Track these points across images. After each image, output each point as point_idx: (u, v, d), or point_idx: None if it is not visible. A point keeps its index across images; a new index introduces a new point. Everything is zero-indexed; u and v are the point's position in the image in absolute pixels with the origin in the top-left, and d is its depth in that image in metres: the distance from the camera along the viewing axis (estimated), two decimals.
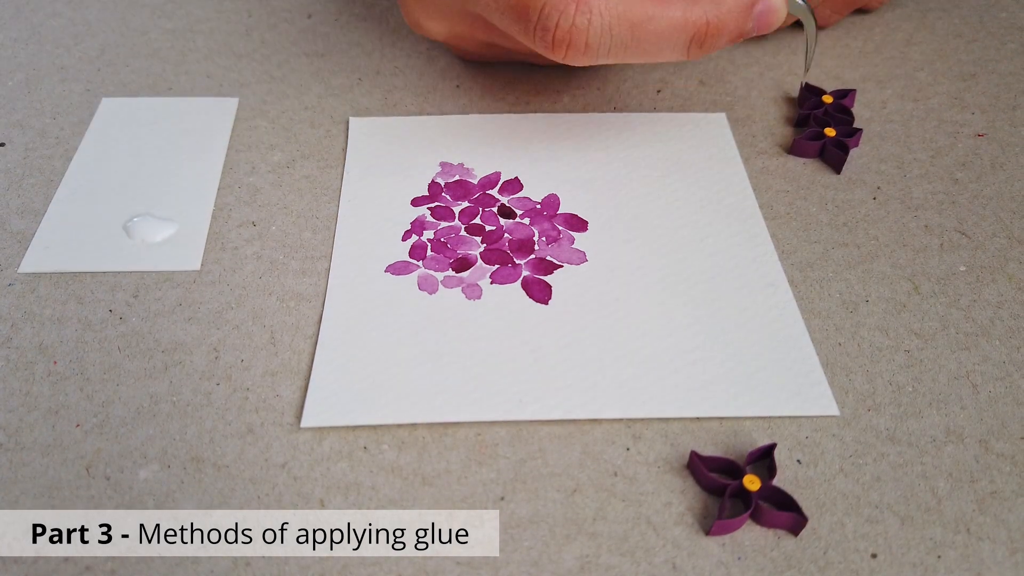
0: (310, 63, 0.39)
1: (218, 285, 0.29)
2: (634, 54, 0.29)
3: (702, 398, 0.26)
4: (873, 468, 0.25)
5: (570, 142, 0.35)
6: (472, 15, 0.32)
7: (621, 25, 0.28)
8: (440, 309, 0.28)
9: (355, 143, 0.35)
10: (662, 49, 0.29)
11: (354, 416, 0.25)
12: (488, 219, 0.31)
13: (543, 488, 0.24)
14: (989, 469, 0.25)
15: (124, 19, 0.42)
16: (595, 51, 0.29)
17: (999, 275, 0.30)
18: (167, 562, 0.22)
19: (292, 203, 0.32)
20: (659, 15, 0.28)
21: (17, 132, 0.35)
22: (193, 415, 0.26)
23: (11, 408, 0.26)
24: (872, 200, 0.33)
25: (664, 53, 0.29)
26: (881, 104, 0.37)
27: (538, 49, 0.29)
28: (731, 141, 0.35)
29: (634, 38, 0.29)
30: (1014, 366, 0.27)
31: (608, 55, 0.29)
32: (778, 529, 0.23)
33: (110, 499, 0.24)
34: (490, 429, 0.26)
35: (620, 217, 0.32)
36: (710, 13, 0.29)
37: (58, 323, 0.28)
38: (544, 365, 0.27)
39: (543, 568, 0.23)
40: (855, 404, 0.26)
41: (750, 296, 0.29)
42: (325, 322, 0.28)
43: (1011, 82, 0.38)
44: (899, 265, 0.30)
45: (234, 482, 0.24)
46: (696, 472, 0.24)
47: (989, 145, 0.35)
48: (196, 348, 0.27)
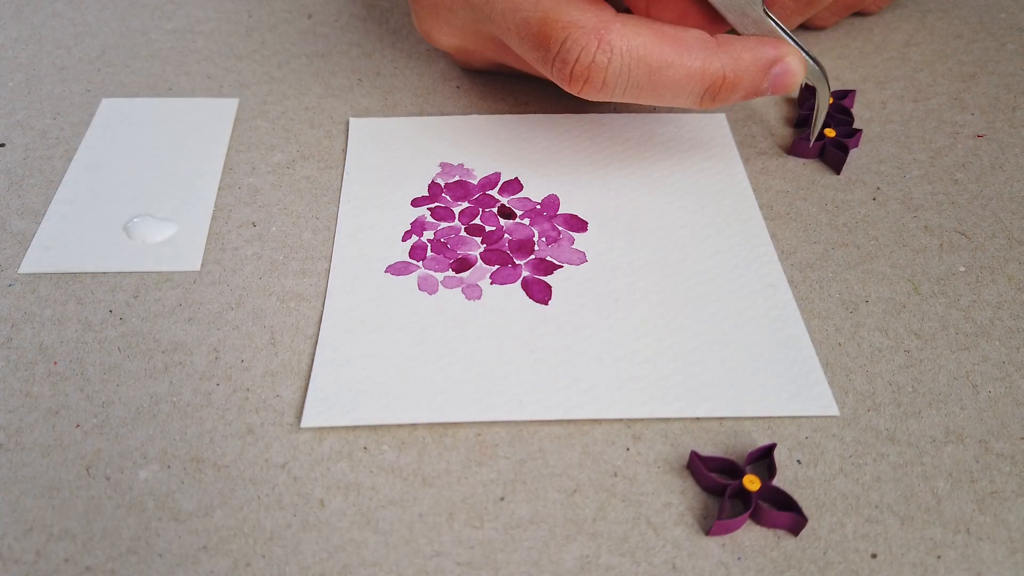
0: (310, 64, 0.39)
1: (218, 285, 0.29)
2: (648, 97, 0.29)
3: (702, 398, 0.26)
4: (873, 468, 0.25)
5: (570, 142, 0.35)
6: (487, 35, 0.32)
7: (640, 68, 0.28)
8: (440, 309, 0.28)
9: (355, 144, 0.35)
10: (676, 96, 0.29)
11: (354, 416, 0.25)
12: (488, 219, 0.32)
13: (543, 488, 0.24)
14: (989, 469, 0.25)
15: (124, 20, 0.42)
16: (611, 90, 0.29)
17: (999, 275, 0.30)
18: (167, 563, 0.23)
19: (292, 204, 0.32)
20: (678, 63, 0.28)
21: (17, 132, 0.35)
22: (193, 415, 0.26)
23: (11, 408, 0.26)
24: (872, 201, 0.33)
25: (677, 99, 0.30)
26: (881, 105, 0.37)
27: (554, 79, 0.29)
28: (731, 141, 0.35)
29: (651, 82, 0.29)
30: (1014, 366, 0.27)
31: (623, 95, 0.29)
32: (778, 529, 0.23)
33: (110, 499, 0.24)
34: (490, 429, 0.26)
35: (620, 217, 0.32)
36: (728, 67, 0.29)
37: (58, 323, 0.28)
38: (544, 365, 0.27)
39: (543, 568, 0.23)
40: (855, 404, 0.26)
41: (750, 296, 0.29)
42: (325, 322, 0.28)
43: (1011, 83, 0.38)
44: (899, 265, 0.30)
45: (234, 482, 0.24)
46: (696, 472, 0.24)
47: (989, 146, 0.35)
48: (196, 348, 0.27)
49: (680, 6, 0.30)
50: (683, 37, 0.29)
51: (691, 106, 0.30)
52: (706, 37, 0.29)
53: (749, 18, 0.30)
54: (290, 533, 0.23)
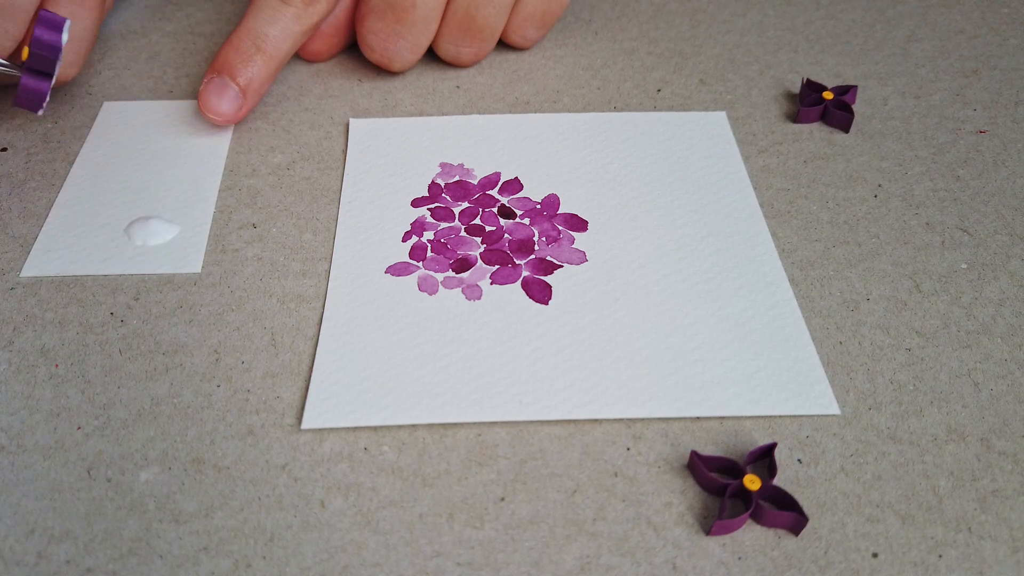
0: (309, 65, 0.39)
1: (219, 287, 0.29)
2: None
3: (702, 398, 0.26)
4: (874, 467, 0.25)
5: (570, 142, 0.35)
6: None
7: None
8: (440, 310, 0.28)
9: (355, 144, 0.35)
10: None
11: (354, 417, 0.25)
12: (488, 219, 0.31)
13: (543, 488, 0.24)
14: (991, 468, 0.25)
15: (125, 22, 0.42)
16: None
17: (1001, 272, 0.30)
18: (168, 564, 0.23)
19: (292, 205, 0.32)
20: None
21: (19, 136, 0.35)
22: (194, 417, 0.26)
23: (13, 411, 0.26)
24: (873, 198, 0.33)
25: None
26: (882, 101, 0.37)
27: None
28: (731, 140, 0.35)
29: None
30: (1016, 364, 0.27)
31: None
32: (779, 529, 0.23)
33: (111, 501, 0.24)
34: (490, 430, 0.26)
35: (620, 217, 0.32)
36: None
37: (59, 326, 0.28)
38: (544, 365, 0.27)
39: (543, 568, 0.23)
40: (856, 403, 0.26)
41: (750, 295, 0.29)
42: (325, 323, 0.28)
43: (1013, 78, 0.38)
44: (900, 263, 0.30)
45: (235, 483, 0.24)
46: (696, 472, 0.24)
47: (991, 142, 0.35)
48: (197, 350, 0.28)
49: None
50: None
51: None
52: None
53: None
54: (290, 534, 0.23)
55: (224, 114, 0.34)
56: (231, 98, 0.34)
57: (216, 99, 0.34)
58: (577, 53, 0.40)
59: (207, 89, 0.34)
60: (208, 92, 0.34)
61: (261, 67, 0.34)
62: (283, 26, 0.34)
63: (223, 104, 0.34)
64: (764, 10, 0.42)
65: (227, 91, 0.34)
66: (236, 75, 0.34)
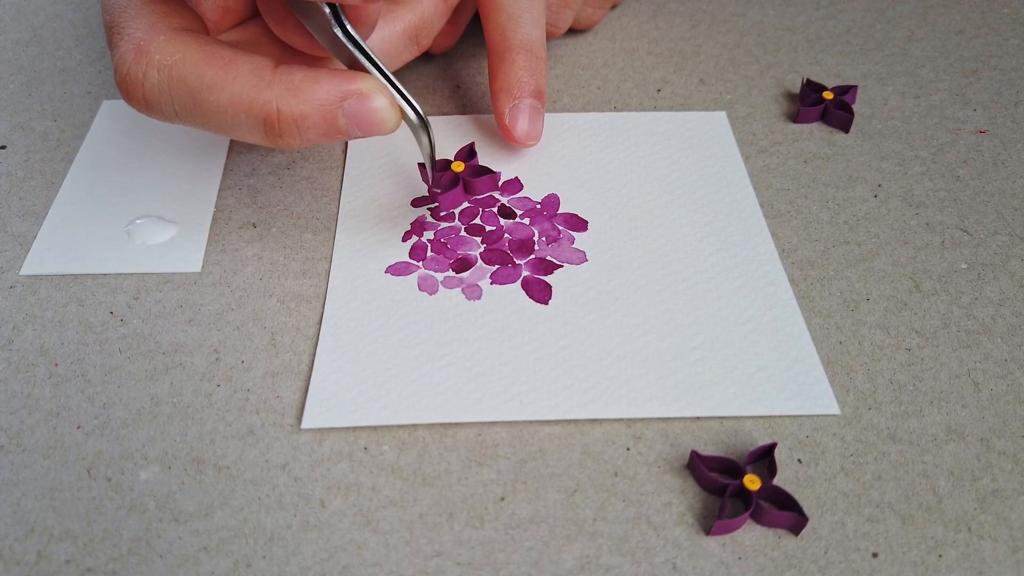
0: None
1: (219, 287, 0.29)
2: (210, 125, 0.26)
3: (702, 398, 0.26)
4: (874, 467, 0.25)
5: (570, 142, 0.35)
6: None
7: (181, 87, 0.25)
8: (440, 310, 0.28)
9: (355, 144, 0.35)
10: (236, 127, 0.26)
11: (354, 417, 0.25)
12: (488, 219, 0.31)
13: (543, 488, 0.24)
14: (991, 467, 0.25)
15: None
16: (160, 109, 0.26)
17: (1001, 272, 0.30)
18: (168, 563, 0.23)
19: (292, 204, 0.32)
20: (221, 86, 0.25)
21: (18, 135, 0.35)
22: (194, 416, 0.26)
23: (12, 410, 0.26)
24: (873, 198, 0.33)
25: (242, 132, 0.26)
26: (882, 101, 0.37)
27: None
28: (731, 140, 0.35)
29: (197, 106, 0.25)
30: (1016, 364, 0.27)
31: (181, 118, 0.26)
32: (779, 529, 0.23)
33: (111, 500, 0.24)
34: (490, 429, 0.26)
35: (620, 217, 0.32)
36: (281, 99, 0.25)
37: (59, 325, 0.28)
38: (544, 365, 0.27)
39: (543, 568, 0.23)
40: (856, 403, 0.26)
41: (750, 295, 0.29)
42: (325, 323, 0.28)
43: (1013, 78, 0.38)
44: (900, 263, 0.30)
45: (235, 483, 0.24)
46: (696, 472, 0.24)
47: (991, 142, 0.35)
48: (197, 350, 0.27)
49: (282, 20, 0.27)
50: (235, 60, 0.25)
51: (262, 142, 0.26)
52: (264, 64, 0.25)
53: (328, 37, 0.26)
54: (290, 534, 0.23)
55: (538, 137, 0.33)
56: (542, 120, 0.33)
57: (532, 125, 0.33)
58: (577, 53, 0.40)
59: (521, 115, 0.32)
60: (523, 118, 0.32)
61: (545, 71, 0.33)
62: (543, 24, 0.33)
63: (539, 127, 0.33)
64: (764, 10, 0.42)
65: (539, 115, 0.33)
66: (542, 94, 0.33)
